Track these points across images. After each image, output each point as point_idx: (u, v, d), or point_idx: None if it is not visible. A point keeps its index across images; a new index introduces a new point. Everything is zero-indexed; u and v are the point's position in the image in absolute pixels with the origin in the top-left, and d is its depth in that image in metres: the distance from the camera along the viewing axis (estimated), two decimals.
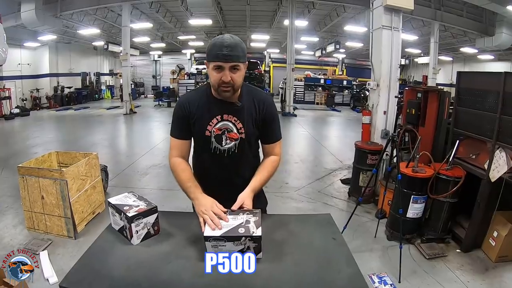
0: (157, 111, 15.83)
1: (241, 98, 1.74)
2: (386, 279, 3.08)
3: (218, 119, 1.73)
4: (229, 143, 1.76)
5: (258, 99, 1.79)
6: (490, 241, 3.51)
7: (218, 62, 1.56)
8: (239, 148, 1.78)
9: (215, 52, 1.56)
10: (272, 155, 1.87)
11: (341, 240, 1.60)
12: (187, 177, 1.74)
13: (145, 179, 5.94)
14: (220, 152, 1.78)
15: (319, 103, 19.79)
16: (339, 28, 16.04)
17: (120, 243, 1.51)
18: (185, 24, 16.78)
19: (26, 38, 13.98)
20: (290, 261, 1.41)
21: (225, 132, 1.74)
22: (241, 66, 1.61)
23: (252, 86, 1.86)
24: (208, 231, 1.37)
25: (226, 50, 1.53)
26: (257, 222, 1.42)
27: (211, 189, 1.73)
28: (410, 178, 3.54)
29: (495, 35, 11.81)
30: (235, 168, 1.84)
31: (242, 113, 1.75)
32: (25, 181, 3.59)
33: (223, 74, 1.58)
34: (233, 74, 1.59)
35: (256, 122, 1.78)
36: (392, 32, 4.83)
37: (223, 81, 1.59)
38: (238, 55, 1.57)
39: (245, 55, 1.62)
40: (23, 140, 8.85)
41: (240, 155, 1.81)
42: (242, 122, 1.75)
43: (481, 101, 3.54)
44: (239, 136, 1.76)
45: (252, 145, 1.85)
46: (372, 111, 5.14)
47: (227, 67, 1.57)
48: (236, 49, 1.56)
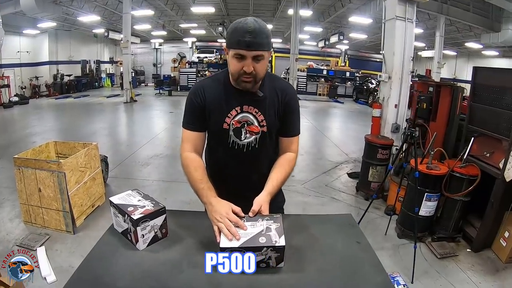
0: (158, 100, 15.67)
1: (263, 88, 1.57)
2: (399, 279, 2.97)
3: (238, 110, 1.56)
4: (249, 137, 1.59)
5: (281, 88, 1.62)
6: (501, 241, 3.41)
7: (240, 51, 1.37)
8: (260, 142, 1.61)
9: (236, 38, 1.36)
10: (289, 151, 1.68)
11: (366, 244, 1.48)
12: (200, 176, 1.52)
13: (146, 169, 5.82)
14: (239, 147, 1.60)
15: (321, 94, 19.62)
16: (343, 19, 15.87)
17: (124, 248, 1.35)
18: (187, 12, 16.51)
19: (25, 26, 13.69)
20: (314, 269, 1.27)
21: (244, 125, 1.57)
22: (265, 55, 1.42)
23: (273, 74, 1.69)
24: (224, 242, 1.22)
25: (249, 36, 1.33)
26: (279, 229, 1.25)
27: (226, 186, 1.58)
28: (424, 175, 3.41)
29: (501, 31, 11.64)
30: (254, 164, 1.66)
31: (264, 104, 1.57)
32: (21, 173, 3.44)
33: (245, 64, 1.39)
34: (256, 64, 1.40)
35: (278, 113, 1.61)
36: (406, 23, 4.64)
37: (244, 71, 1.41)
38: (262, 42, 1.37)
39: (270, 42, 1.42)
40: (22, 129, 8.69)
41: (260, 150, 1.63)
42: (263, 114, 1.57)
43: (498, 98, 3.43)
44: (260, 129, 1.58)
45: (273, 139, 1.67)
46: (383, 104, 4.99)
47: (249, 56, 1.38)
48: (261, 36, 1.36)
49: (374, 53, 24.81)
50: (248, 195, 1.46)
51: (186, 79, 18.65)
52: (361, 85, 18.09)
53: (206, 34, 21.45)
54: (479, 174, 3.36)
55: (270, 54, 1.48)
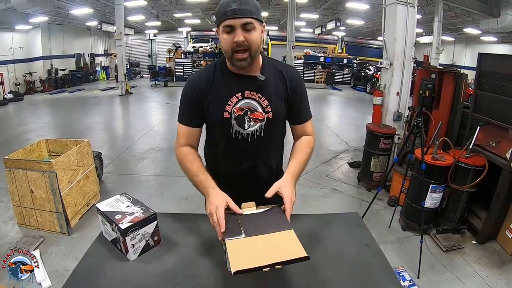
0: (154, 91, 15.48)
1: (264, 71, 1.45)
2: (405, 274, 2.88)
3: (239, 97, 1.43)
4: (253, 125, 1.46)
5: (285, 71, 1.50)
6: (506, 232, 3.32)
7: (227, 21, 1.27)
8: (266, 130, 1.48)
9: (222, 10, 1.27)
10: (305, 135, 1.60)
11: (375, 247, 1.39)
12: (195, 169, 1.43)
13: (142, 164, 5.70)
14: (243, 137, 1.47)
15: (319, 81, 19.41)
16: (339, 5, 15.70)
17: (113, 259, 1.26)
18: (181, 1, 16.29)
19: (17, 21, 13.39)
20: (320, 276, 1.19)
21: (247, 112, 1.44)
22: (255, 25, 1.30)
23: (271, 57, 1.57)
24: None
25: (235, 4, 1.24)
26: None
27: (230, 183, 1.47)
28: (430, 166, 3.28)
29: (500, 17, 11.44)
30: (261, 155, 1.55)
31: (267, 88, 1.45)
32: (12, 174, 3.31)
33: (235, 35, 1.28)
34: (246, 34, 1.29)
35: (285, 99, 1.49)
36: (407, 8, 4.46)
37: (236, 43, 1.29)
38: (250, 9, 1.27)
39: (260, 11, 1.32)
40: (16, 126, 8.51)
41: (267, 139, 1.51)
42: (268, 99, 1.45)
43: (505, 85, 3.31)
44: (265, 116, 1.46)
45: (280, 126, 1.55)
46: (384, 92, 4.84)
47: (238, 25, 1.27)
48: (247, 3, 1.26)
49: (371, 40, 24.67)
50: (255, 192, 1.35)
51: (182, 70, 18.41)
52: (359, 72, 17.90)
53: (201, 23, 21.22)
54: (485, 165, 3.25)
55: (263, 28, 1.36)
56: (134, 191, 4.44)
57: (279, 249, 1.07)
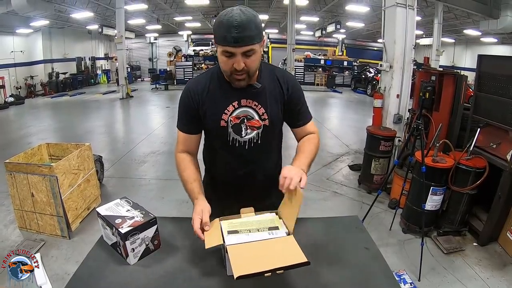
0: (154, 95, 15.51)
1: (260, 79, 1.44)
2: (405, 277, 2.87)
3: (235, 105, 1.43)
4: (250, 132, 1.46)
5: (281, 76, 1.49)
6: (507, 234, 3.32)
7: (227, 48, 1.24)
8: (263, 137, 1.49)
9: (222, 34, 1.22)
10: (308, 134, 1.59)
11: (375, 250, 1.38)
12: (187, 177, 1.46)
13: (142, 167, 5.71)
14: (240, 145, 1.48)
15: (319, 84, 19.43)
16: (339, 7, 15.64)
17: (114, 263, 1.26)
18: (181, 5, 16.24)
19: (18, 25, 13.46)
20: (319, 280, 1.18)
21: (244, 120, 1.44)
22: (256, 49, 1.27)
23: (269, 63, 1.56)
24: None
25: (235, 31, 1.19)
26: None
27: (228, 189, 1.50)
28: (430, 169, 3.29)
29: (500, 18, 11.43)
30: (258, 162, 1.56)
31: (264, 95, 1.45)
32: (13, 178, 3.32)
33: (235, 61, 1.26)
34: (247, 59, 1.27)
35: (281, 106, 1.49)
36: (407, 10, 4.47)
37: (235, 69, 1.28)
38: (251, 35, 1.22)
39: (261, 32, 1.28)
40: (18, 129, 8.53)
41: (264, 146, 1.52)
42: (264, 106, 1.45)
43: (505, 87, 3.31)
44: (262, 123, 1.46)
45: (277, 133, 1.56)
46: (384, 94, 4.85)
47: (238, 53, 1.24)
48: (249, 29, 1.21)
49: (371, 42, 24.65)
50: (253, 197, 1.37)
51: (183, 73, 18.41)
52: (359, 74, 17.90)
53: (201, 26, 21.20)
54: (486, 166, 3.25)
55: (263, 45, 1.34)
56: (135, 194, 4.45)
57: (280, 254, 1.09)
